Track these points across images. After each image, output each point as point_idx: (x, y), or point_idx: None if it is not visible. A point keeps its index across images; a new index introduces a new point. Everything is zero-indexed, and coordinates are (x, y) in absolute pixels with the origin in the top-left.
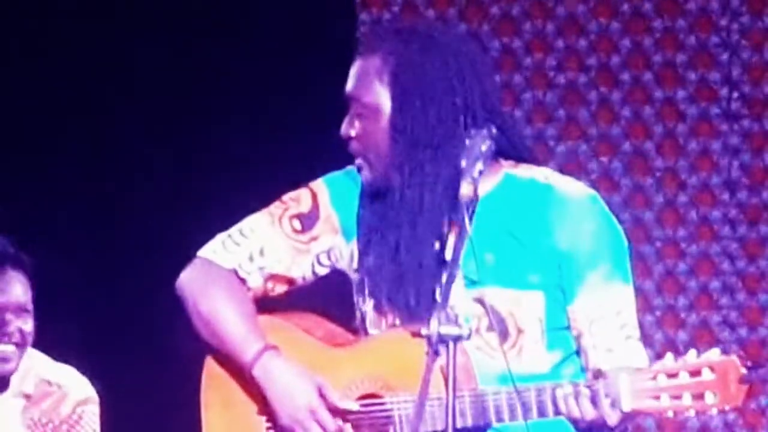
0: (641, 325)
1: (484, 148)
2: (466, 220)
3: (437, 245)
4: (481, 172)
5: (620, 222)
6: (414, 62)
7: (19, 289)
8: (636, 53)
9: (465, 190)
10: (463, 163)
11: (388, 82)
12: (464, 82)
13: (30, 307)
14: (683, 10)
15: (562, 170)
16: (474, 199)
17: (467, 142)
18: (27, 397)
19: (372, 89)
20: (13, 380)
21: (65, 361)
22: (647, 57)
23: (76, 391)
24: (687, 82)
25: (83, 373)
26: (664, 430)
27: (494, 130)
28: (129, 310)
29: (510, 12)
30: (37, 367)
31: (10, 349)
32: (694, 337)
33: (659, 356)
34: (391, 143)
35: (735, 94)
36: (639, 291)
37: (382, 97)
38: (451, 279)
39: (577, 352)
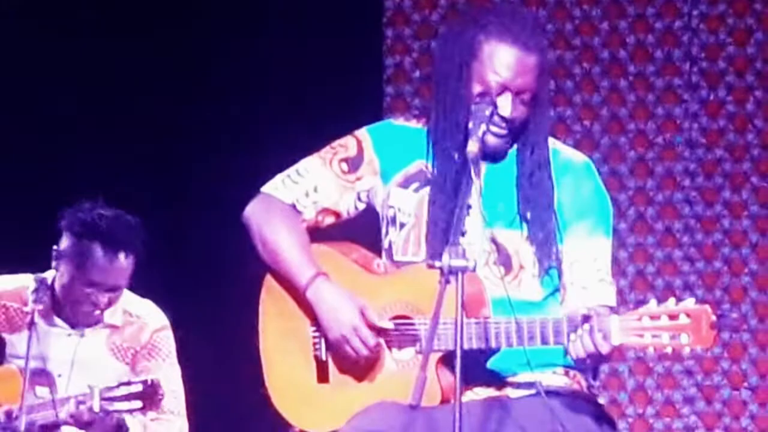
0: (616, 260)
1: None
2: (473, 172)
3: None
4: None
5: (599, 173)
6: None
7: (122, 272)
8: (613, 35)
9: (472, 147)
10: (470, 125)
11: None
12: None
13: (126, 284)
14: None
15: (552, 131)
16: (479, 155)
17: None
18: (114, 327)
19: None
20: (105, 314)
21: (145, 286)
22: (622, 38)
23: (153, 321)
24: (655, 58)
25: (158, 299)
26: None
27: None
28: (200, 241)
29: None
30: (122, 301)
31: (96, 312)
32: (660, 269)
33: (632, 285)
34: None
35: (695, 69)
36: (614, 231)
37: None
38: (459, 220)
39: (557, 288)
